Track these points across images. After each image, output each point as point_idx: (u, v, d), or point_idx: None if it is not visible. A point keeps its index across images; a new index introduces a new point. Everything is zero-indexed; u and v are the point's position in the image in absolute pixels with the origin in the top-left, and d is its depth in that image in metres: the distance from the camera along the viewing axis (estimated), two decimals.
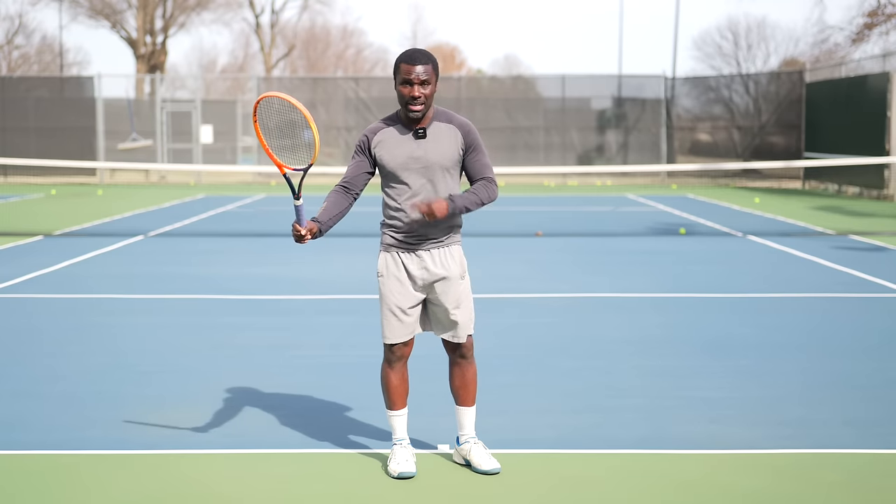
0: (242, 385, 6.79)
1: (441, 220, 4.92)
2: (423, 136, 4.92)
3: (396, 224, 4.99)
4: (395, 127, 4.98)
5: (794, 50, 54.39)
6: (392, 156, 4.94)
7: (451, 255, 5.03)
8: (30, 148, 30.83)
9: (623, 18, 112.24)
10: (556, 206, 22.72)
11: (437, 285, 5.00)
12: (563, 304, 9.98)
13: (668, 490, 4.87)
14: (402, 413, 5.13)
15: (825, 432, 5.77)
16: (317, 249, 14.11)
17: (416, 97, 4.83)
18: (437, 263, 4.99)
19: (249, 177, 32.80)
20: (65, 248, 14.23)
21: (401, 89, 4.86)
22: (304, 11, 64.00)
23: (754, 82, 32.36)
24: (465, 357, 5.15)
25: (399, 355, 5.07)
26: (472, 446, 5.13)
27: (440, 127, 4.95)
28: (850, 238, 15.61)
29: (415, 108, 4.85)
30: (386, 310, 5.02)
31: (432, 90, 4.87)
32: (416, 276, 4.98)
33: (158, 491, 4.85)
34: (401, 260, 5.00)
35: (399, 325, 5.01)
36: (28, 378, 7.01)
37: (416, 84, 4.83)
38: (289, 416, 6.07)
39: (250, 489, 4.87)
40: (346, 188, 5.05)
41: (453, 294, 5.02)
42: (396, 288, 4.99)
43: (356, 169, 5.03)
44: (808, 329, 8.75)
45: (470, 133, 4.97)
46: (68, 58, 58.44)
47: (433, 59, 4.90)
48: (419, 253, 4.99)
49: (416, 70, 4.83)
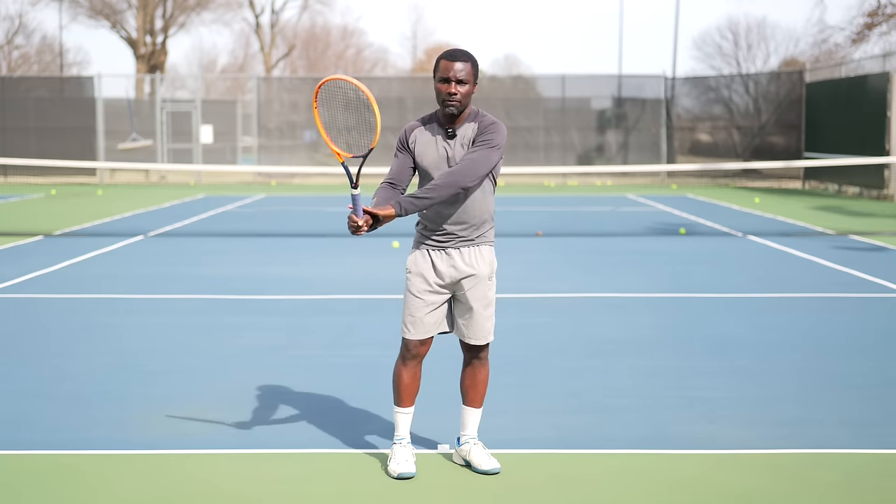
0: (243, 385, 6.81)
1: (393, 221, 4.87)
2: (453, 135, 4.97)
3: (427, 222, 5.04)
4: (430, 125, 5.03)
5: (794, 50, 54.42)
6: (425, 154, 4.99)
7: (481, 254, 5.06)
8: (30, 148, 30.85)
9: (623, 18, 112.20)
10: (556, 206, 22.74)
11: (464, 282, 5.02)
12: (563, 304, 10.01)
13: (666, 489, 4.90)
14: (408, 411, 5.14)
15: (822, 432, 5.79)
16: (317, 250, 14.13)
17: (453, 93, 4.86)
18: (466, 261, 5.01)
19: (249, 177, 32.81)
20: (65, 248, 14.25)
21: (438, 86, 4.90)
22: (304, 11, 64.06)
23: (754, 82, 32.38)
24: (481, 359, 5.16)
25: (415, 353, 5.07)
26: (472, 447, 5.15)
27: (468, 127, 4.99)
28: (850, 238, 15.63)
29: (451, 104, 4.88)
30: (410, 305, 5.04)
31: (469, 90, 4.89)
32: (443, 273, 4.99)
33: (162, 491, 4.87)
34: (430, 257, 5.03)
35: (419, 322, 5.02)
36: (32, 378, 7.04)
37: (453, 81, 4.86)
38: (289, 416, 6.09)
39: (253, 489, 4.90)
40: (392, 184, 5.05)
41: (480, 293, 5.04)
42: (422, 284, 5.02)
43: (399, 165, 5.06)
44: (806, 329, 8.77)
45: (485, 129, 4.95)
46: (68, 58, 58.49)
47: (473, 59, 4.93)
48: (449, 251, 5.02)
49: (454, 67, 4.86)
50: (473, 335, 5.07)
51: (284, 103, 33.13)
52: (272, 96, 33.32)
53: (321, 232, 16.60)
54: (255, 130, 32.71)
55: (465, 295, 5.04)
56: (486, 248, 5.08)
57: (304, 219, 19.36)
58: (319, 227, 17.61)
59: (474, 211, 5.01)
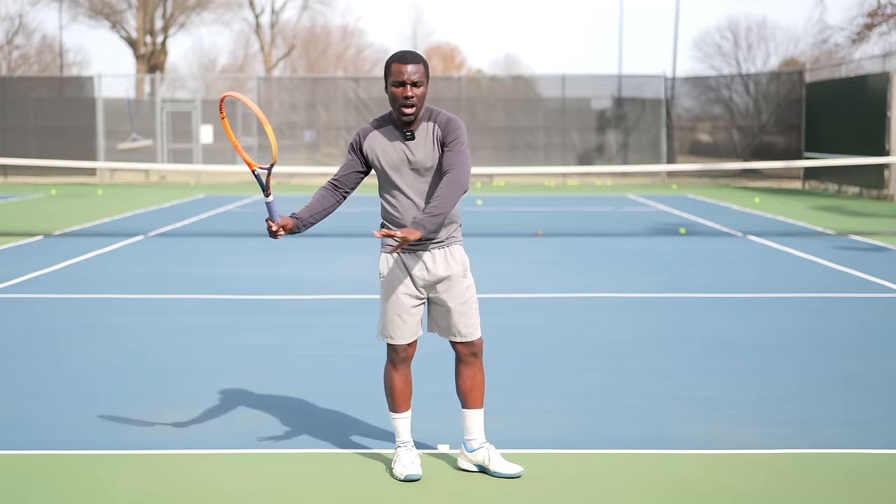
0: (242, 385, 6.80)
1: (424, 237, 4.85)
2: (411, 137, 4.88)
3: (392, 226, 4.96)
4: (386, 128, 4.93)
5: (794, 50, 54.43)
6: (384, 158, 4.91)
7: (452, 254, 5.01)
8: (30, 148, 30.84)
9: (623, 18, 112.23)
10: (556, 206, 22.73)
11: (439, 286, 4.99)
12: (563, 304, 9.99)
13: (668, 490, 4.88)
14: (405, 416, 5.12)
15: (824, 432, 5.78)
16: (317, 250, 14.12)
17: (409, 97, 4.78)
18: (439, 263, 4.97)
19: (249, 177, 32.79)
20: (65, 248, 14.24)
21: (393, 90, 4.81)
22: (304, 11, 64.02)
23: (754, 82, 32.37)
24: (477, 356, 5.10)
25: (403, 356, 5.04)
26: (490, 453, 5.09)
27: (425, 127, 4.91)
28: (850, 238, 15.62)
29: (407, 111, 4.80)
30: (389, 310, 4.99)
31: (424, 91, 4.82)
32: (417, 276, 4.96)
33: (159, 491, 4.86)
34: (402, 260, 4.98)
35: (403, 325, 4.99)
36: (29, 378, 7.02)
37: (408, 84, 4.78)
38: (289, 416, 6.08)
39: (250, 489, 4.88)
40: (335, 186, 5.03)
41: (456, 293, 5.01)
42: (399, 288, 4.98)
43: (347, 167, 5.01)
44: (807, 329, 8.76)
45: (448, 127, 4.87)
46: (68, 58, 58.46)
47: (424, 60, 4.86)
48: (419, 253, 4.96)
49: (407, 70, 4.78)
50: (458, 332, 5.04)
51: (284, 103, 33.13)
52: (272, 96, 33.32)
53: (321, 232, 16.59)
54: (255, 130, 32.70)
55: (440, 297, 5.01)
56: (457, 248, 5.03)
57: None
58: (319, 227, 17.53)
59: None
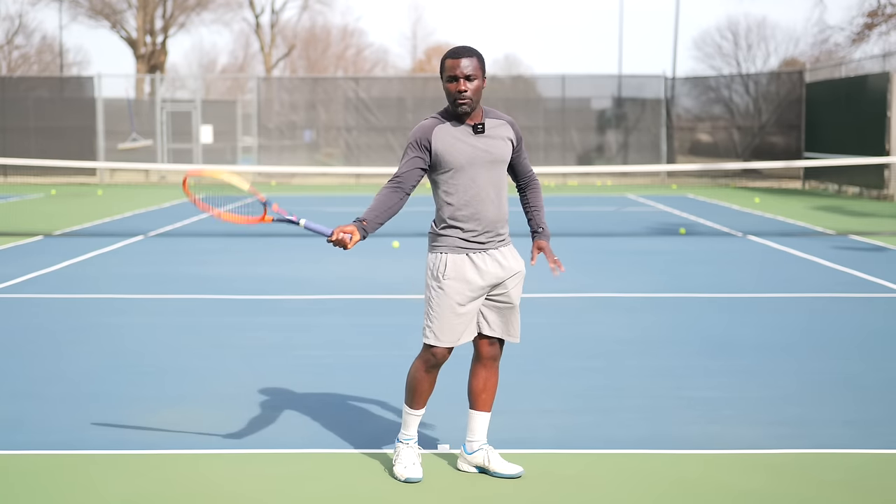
0: (241, 385, 6.79)
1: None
2: (482, 131, 4.88)
3: (464, 224, 4.89)
4: (450, 123, 4.89)
5: (794, 50, 54.46)
6: (457, 151, 4.84)
7: (514, 252, 5.03)
8: (30, 148, 30.83)
9: (623, 18, 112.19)
10: (556, 206, 22.72)
11: (509, 281, 4.96)
12: (563, 303, 9.99)
13: (668, 490, 4.87)
14: (420, 413, 5.08)
15: (825, 432, 5.77)
16: (317, 250, 14.10)
17: (463, 90, 4.78)
18: (510, 259, 4.97)
19: (249, 177, 32.79)
20: (65, 248, 14.23)
21: (447, 86, 4.81)
22: (304, 11, 64.06)
23: (754, 82, 32.37)
24: (496, 360, 5.09)
25: (441, 360, 4.96)
26: (490, 453, 5.08)
27: (494, 123, 4.94)
28: (850, 238, 15.62)
29: (462, 102, 4.79)
30: (447, 311, 4.87)
31: (479, 85, 4.81)
32: (490, 274, 4.89)
33: (157, 491, 4.85)
34: (472, 260, 4.89)
35: (459, 327, 4.89)
36: (28, 378, 7.02)
37: (461, 78, 4.78)
38: (287, 416, 6.07)
39: (250, 489, 4.88)
40: (397, 186, 4.92)
41: (519, 290, 5.03)
42: (465, 290, 4.87)
43: (410, 165, 4.89)
44: (807, 329, 8.75)
45: (516, 129, 5.02)
46: (68, 58, 58.48)
47: (478, 54, 4.84)
48: (491, 252, 4.93)
49: (461, 64, 4.78)
50: (513, 332, 5.03)
51: (284, 103, 33.13)
52: (272, 96, 33.31)
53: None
54: (255, 130, 32.69)
55: (508, 294, 4.97)
56: (513, 247, 5.07)
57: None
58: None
59: (506, 209, 4.99)
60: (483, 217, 4.88)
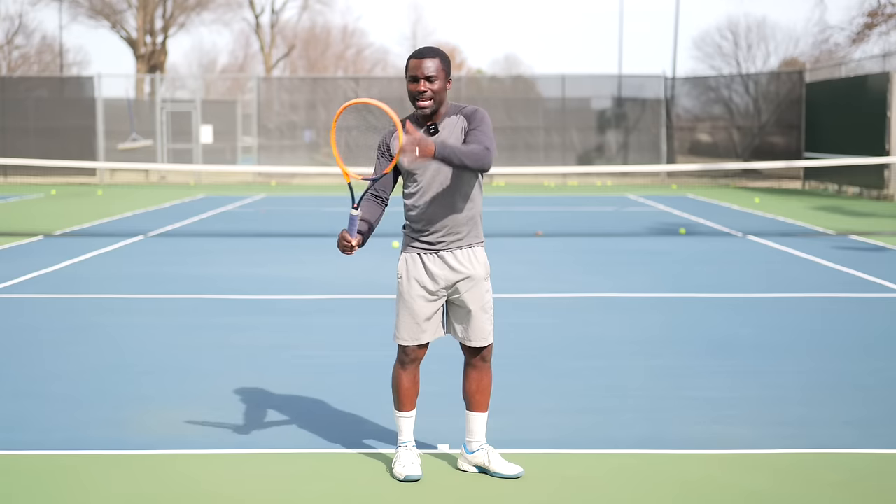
0: (241, 385, 6.78)
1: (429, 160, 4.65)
2: (434, 131, 4.87)
3: (416, 225, 4.93)
4: (415, 125, 4.90)
5: (794, 50, 54.41)
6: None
7: (475, 255, 4.97)
8: (30, 148, 30.82)
9: (623, 18, 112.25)
10: (556, 206, 22.72)
11: (460, 285, 4.94)
12: (564, 304, 9.98)
13: (669, 490, 4.87)
14: (410, 415, 5.09)
15: (826, 432, 5.76)
16: (317, 250, 14.10)
17: (423, 91, 4.78)
18: (461, 263, 4.93)
19: (249, 177, 32.79)
20: (65, 248, 14.22)
21: (409, 86, 4.83)
22: (304, 11, 64.02)
23: (754, 82, 32.36)
24: (486, 360, 5.08)
25: (412, 357, 5.00)
26: (490, 453, 5.08)
27: (451, 121, 4.90)
28: (850, 238, 15.61)
29: (422, 104, 4.80)
30: (404, 311, 4.95)
31: (441, 86, 4.80)
32: (438, 275, 4.89)
33: (157, 491, 4.84)
34: (422, 261, 4.93)
35: (415, 326, 4.94)
36: (27, 378, 7.01)
37: (422, 79, 4.79)
38: (289, 416, 6.06)
39: (249, 489, 4.87)
40: (374, 195, 4.98)
41: (477, 294, 4.96)
42: (416, 289, 4.92)
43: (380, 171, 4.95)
44: (808, 329, 8.75)
45: (473, 116, 4.87)
46: (68, 58, 58.43)
47: (441, 55, 4.84)
48: (441, 254, 4.92)
49: (422, 65, 4.79)
50: (473, 337, 5.00)
51: (284, 103, 33.12)
52: (272, 96, 33.30)
53: (321, 232, 16.57)
54: (255, 130, 32.68)
55: (461, 298, 4.96)
56: (479, 249, 4.99)
57: (303, 219, 19.34)
58: (319, 227, 17.58)
59: (465, 211, 4.91)
60: (432, 217, 4.89)
